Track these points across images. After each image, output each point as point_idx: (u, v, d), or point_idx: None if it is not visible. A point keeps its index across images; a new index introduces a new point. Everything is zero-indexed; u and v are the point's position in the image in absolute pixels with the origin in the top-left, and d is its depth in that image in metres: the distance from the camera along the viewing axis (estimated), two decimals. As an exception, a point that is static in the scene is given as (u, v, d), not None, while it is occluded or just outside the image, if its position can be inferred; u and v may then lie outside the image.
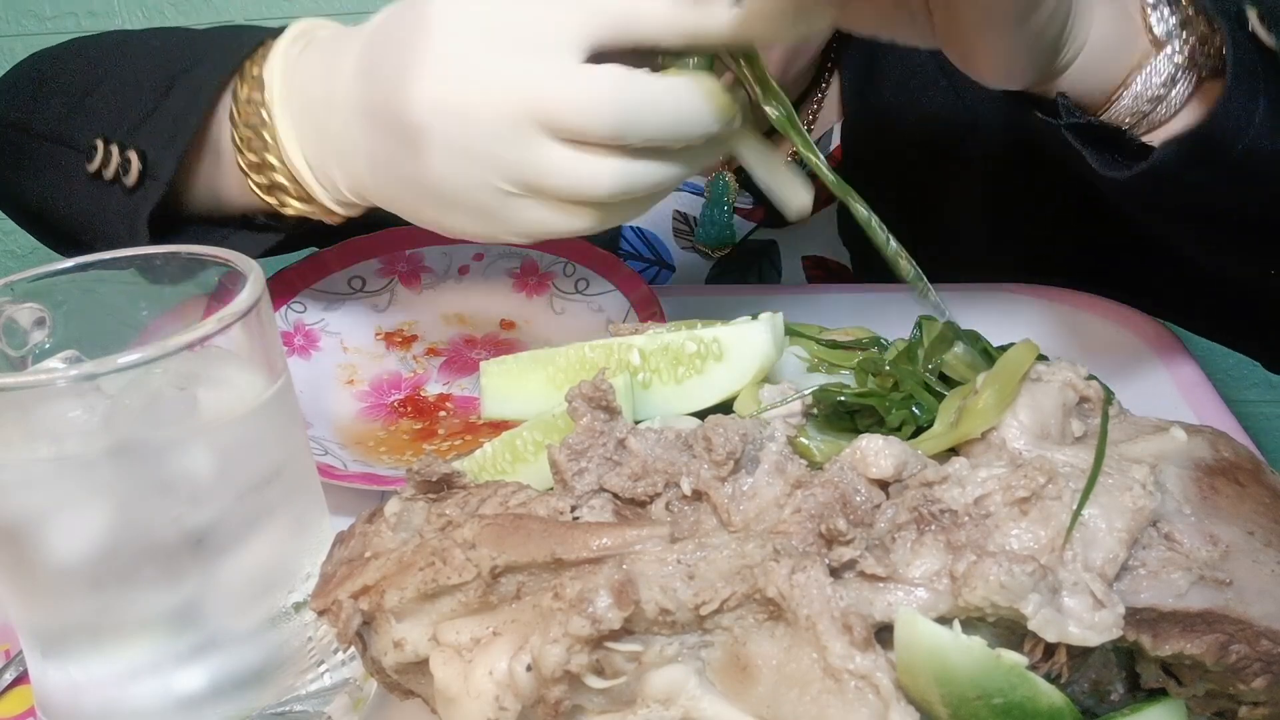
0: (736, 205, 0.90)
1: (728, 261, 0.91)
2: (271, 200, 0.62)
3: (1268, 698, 0.36)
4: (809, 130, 0.88)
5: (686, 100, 0.48)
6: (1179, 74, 0.54)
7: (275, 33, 0.62)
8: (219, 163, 0.64)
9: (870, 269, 0.88)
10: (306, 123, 0.59)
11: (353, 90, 0.55)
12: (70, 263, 0.43)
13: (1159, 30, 0.54)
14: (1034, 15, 0.49)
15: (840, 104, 0.88)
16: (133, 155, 0.63)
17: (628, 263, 0.89)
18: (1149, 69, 0.54)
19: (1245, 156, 0.53)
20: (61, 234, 0.72)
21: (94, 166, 0.64)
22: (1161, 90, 0.55)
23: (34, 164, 0.70)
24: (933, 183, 0.85)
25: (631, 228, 0.91)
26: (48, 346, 0.43)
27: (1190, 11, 0.54)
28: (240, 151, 0.61)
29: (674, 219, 0.91)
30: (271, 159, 0.61)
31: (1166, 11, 0.54)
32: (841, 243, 0.89)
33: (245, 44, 0.63)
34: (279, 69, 0.60)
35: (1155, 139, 0.55)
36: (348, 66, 0.55)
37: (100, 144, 0.64)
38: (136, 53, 0.72)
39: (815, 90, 0.88)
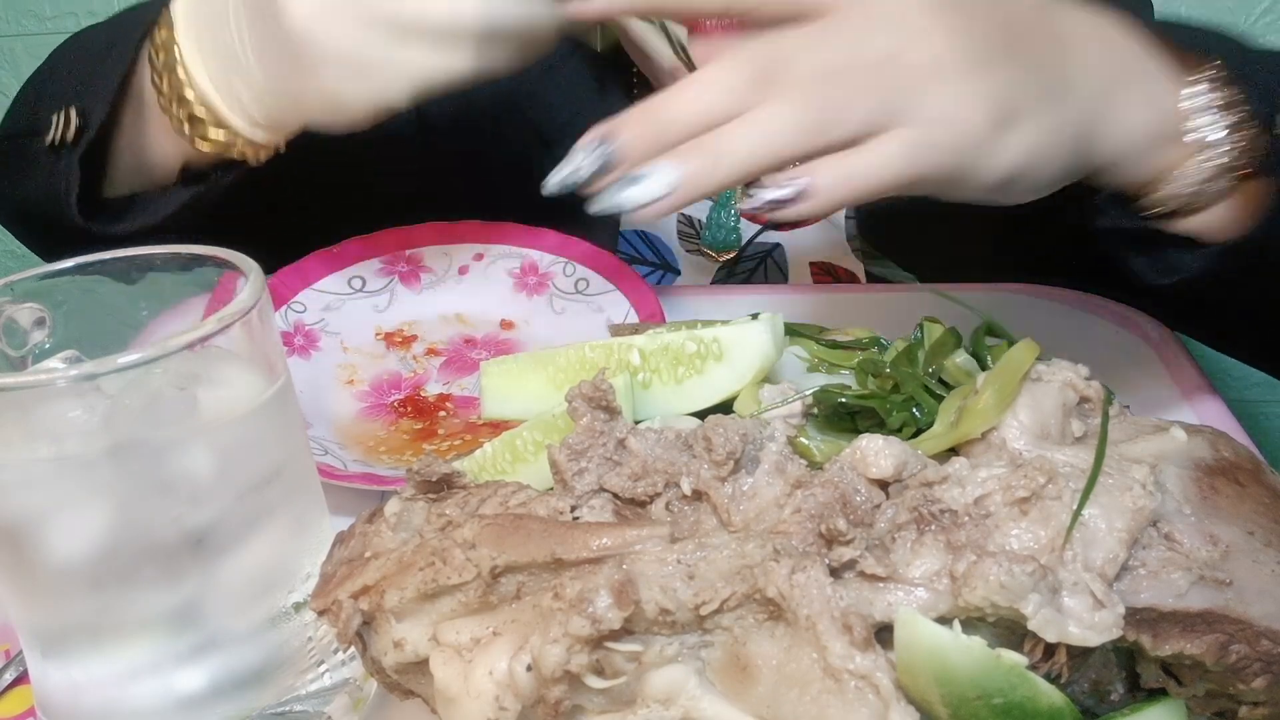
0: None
1: (733, 265, 0.90)
2: (193, 134, 0.64)
3: (1268, 698, 0.36)
4: None
5: None
6: (1214, 177, 0.53)
7: None
8: (144, 111, 0.67)
9: (882, 279, 0.88)
10: (207, 43, 0.62)
11: None
12: (70, 263, 0.43)
13: (1196, 137, 0.53)
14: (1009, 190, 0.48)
15: None
16: (73, 114, 0.66)
17: (632, 266, 0.89)
18: (1182, 173, 0.53)
19: None
20: (36, 224, 0.74)
21: (49, 139, 0.67)
22: (1192, 190, 0.53)
23: (16, 163, 0.73)
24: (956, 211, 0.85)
25: (636, 232, 0.91)
26: (48, 346, 0.43)
27: (1238, 116, 0.52)
28: (158, 91, 0.64)
29: (679, 222, 0.91)
30: (187, 94, 0.63)
31: (1209, 118, 0.52)
32: (850, 250, 0.88)
33: None
34: (183, 2, 0.63)
35: (1187, 225, 0.55)
36: None
37: (54, 118, 0.67)
38: (94, 33, 0.75)
39: None
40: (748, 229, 0.90)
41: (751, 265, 0.90)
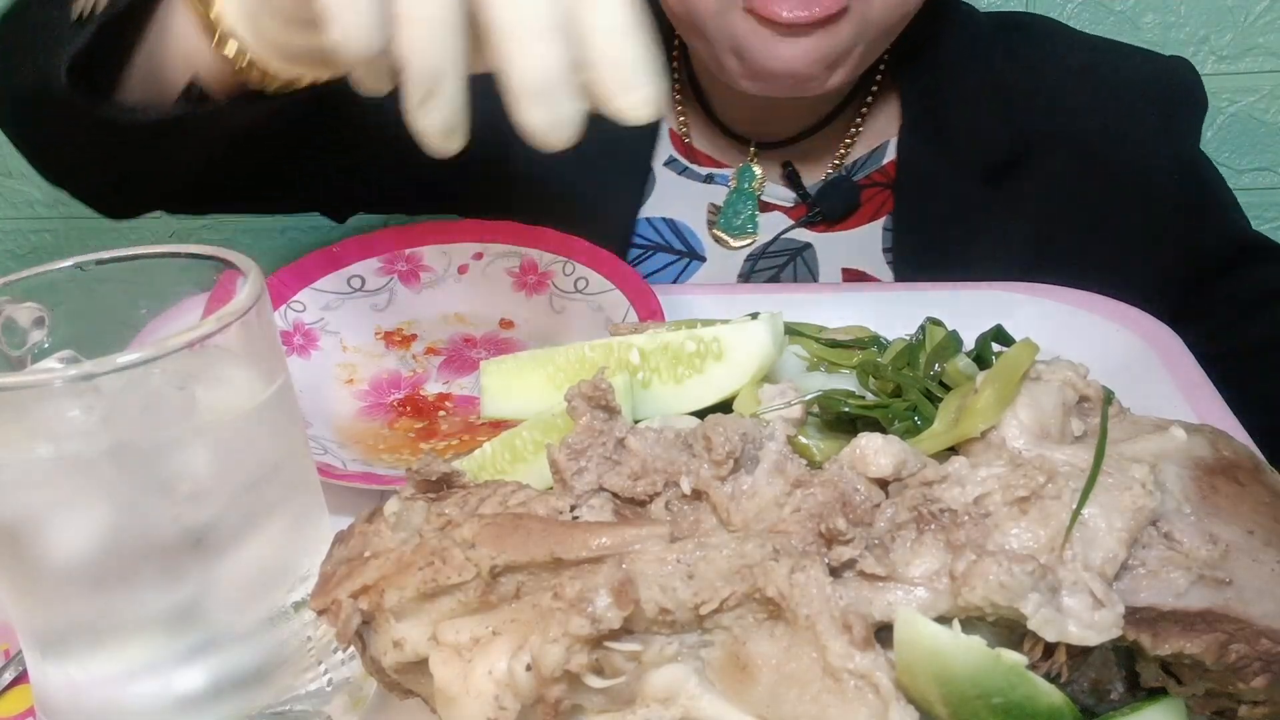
0: (770, 201, 0.90)
1: (760, 259, 0.90)
2: (213, 39, 0.59)
3: (1267, 696, 0.36)
4: (854, 138, 0.89)
5: None
6: None
7: None
8: (171, 7, 0.62)
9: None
10: None
11: None
12: (69, 262, 0.43)
13: None
14: None
15: (900, 119, 0.88)
16: None
17: (658, 254, 0.88)
18: None
19: None
20: (42, 112, 0.67)
21: (78, 9, 0.62)
22: None
23: (30, 35, 0.67)
24: (982, 202, 0.86)
25: (664, 218, 0.91)
26: (46, 346, 0.42)
27: None
28: None
29: (708, 211, 0.91)
30: None
31: None
32: (885, 261, 0.89)
33: None
34: None
35: None
36: None
37: None
38: None
39: (861, 99, 0.89)
40: (778, 222, 0.90)
41: (780, 261, 0.90)
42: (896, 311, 0.62)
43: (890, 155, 0.89)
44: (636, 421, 0.48)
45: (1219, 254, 0.88)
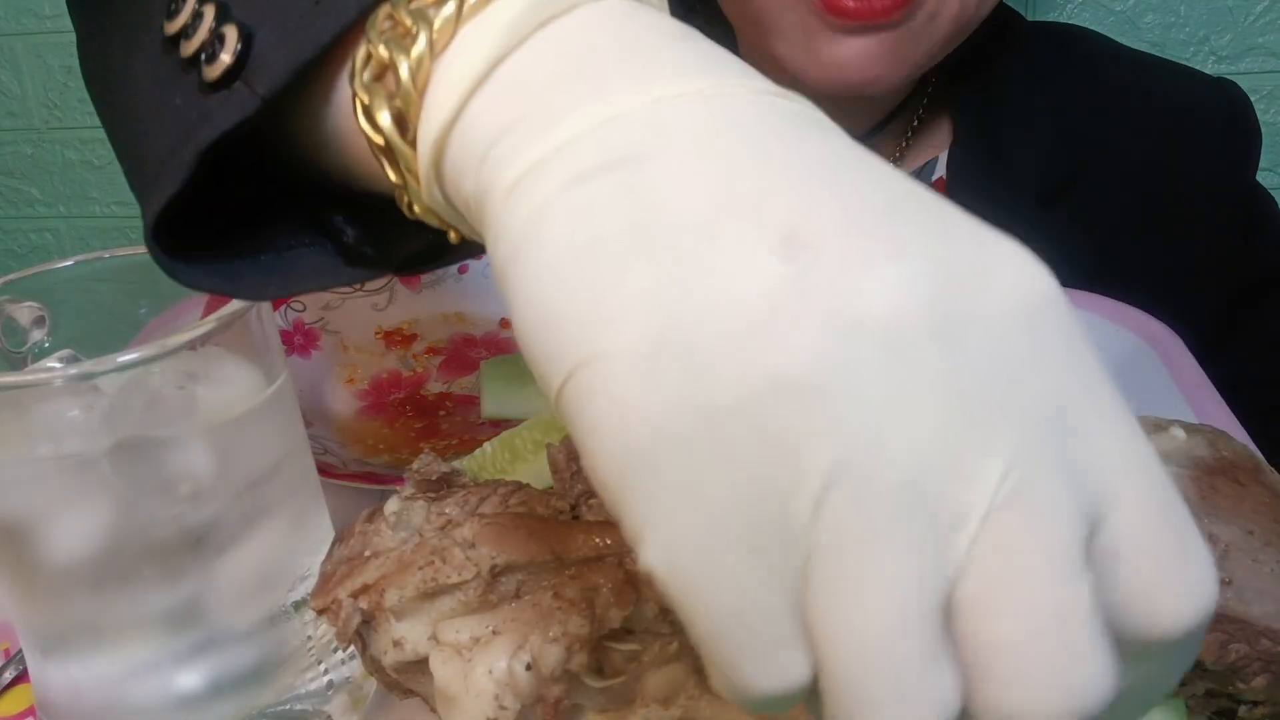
0: None
1: None
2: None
3: (1267, 697, 0.36)
4: (902, 151, 0.87)
5: None
6: None
7: None
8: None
9: None
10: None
11: None
12: (70, 261, 0.43)
13: None
14: None
15: (950, 135, 0.87)
16: (231, 31, 0.34)
17: None
18: None
19: None
20: (119, 132, 0.42)
21: (173, 28, 0.37)
22: None
23: (111, 20, 0.43)
24: (1034, 223, 0.84)
25: None
26: (47, 345, 0.42)
27: None
28: (354, 73, 0.32)
29: None
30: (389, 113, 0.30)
31: None
32: None
33: None
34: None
35: None
36: None
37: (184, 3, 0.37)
38: None
39: (911, 113, 0.87)
40: None
41: None
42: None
43: (939, 172, 0.87)
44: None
45: (1259, 283, 0.87)
